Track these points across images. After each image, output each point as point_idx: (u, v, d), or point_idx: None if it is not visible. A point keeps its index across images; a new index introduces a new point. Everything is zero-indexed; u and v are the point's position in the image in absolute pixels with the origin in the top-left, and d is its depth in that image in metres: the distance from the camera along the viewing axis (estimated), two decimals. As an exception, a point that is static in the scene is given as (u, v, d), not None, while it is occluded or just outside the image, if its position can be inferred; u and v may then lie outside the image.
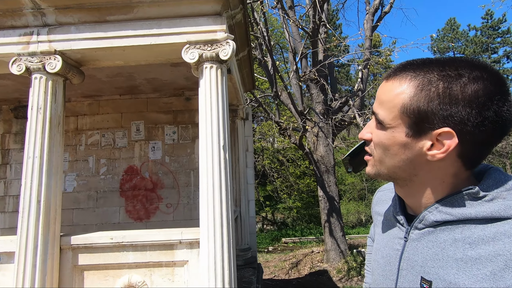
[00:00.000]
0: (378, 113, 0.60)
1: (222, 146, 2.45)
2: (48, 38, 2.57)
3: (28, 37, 2.57)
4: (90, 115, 4.71)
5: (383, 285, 0.67)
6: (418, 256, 0.59)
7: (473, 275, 0.50)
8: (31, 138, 2.47)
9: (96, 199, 4.55)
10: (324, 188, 7.21)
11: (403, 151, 0.58)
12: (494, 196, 0.53)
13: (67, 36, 2.57)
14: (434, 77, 0.54)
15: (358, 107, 7.26)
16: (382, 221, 0.75)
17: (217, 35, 2.54)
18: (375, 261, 0.72)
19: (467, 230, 0.54)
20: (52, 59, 2.53)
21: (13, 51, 2.55)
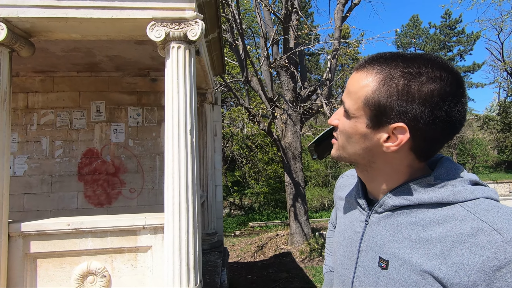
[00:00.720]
0: (345, 102, 0.63)
1: (189, 130, 2.39)
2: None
3: (-36, -1, 2.24)
4: (43, 92, 4.31)
5: (344, 265, 0.71)
6: (377, 238, 0.63)
7: (425, 254, 0.54)
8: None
9: (51, 183, 4.25)
10: (291, 174, 7.41)
11: (363, 141, 0.61)
12: (445, 183, 0.58)
13: (13, 1, 2.28)
14: (397, 73, 0.56)
15: (326, 96, 7.46)
16: (344, 205, 0.79)
17: (185, 13, 2.42)
18: (337, 243, 0.76)
19: (420, 214, 0.58)
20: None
21: None
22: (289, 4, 6.11)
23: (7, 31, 2.27)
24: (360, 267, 0.65)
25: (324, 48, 11.04)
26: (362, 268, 0.65)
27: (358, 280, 0.65)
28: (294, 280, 5.78)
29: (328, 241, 1.10)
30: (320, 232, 8.20)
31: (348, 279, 0.68)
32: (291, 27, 6.75)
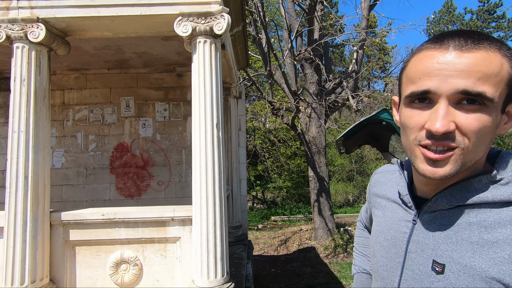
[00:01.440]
0: (484, 91, 0.49)
1: (216, 124, 2.41)
2: (30, 4, 2.39)
3: (8, 1, 2.39)
4: (77, 89, 4.54)
5: (387, 267, 0.66)
6: (429, 239, 0.58)
7: (490, 258, 0.49)
8: (15, 111, 2.36)
9: (86, 175, 4.49)
10: (314, 168, 7.31)
11: (493, 131, 0.52)
12: (509, 180, 0.53)
13: (50, 3, 2.40)
14: (504, 48, 0.51)
15: (352, 89, 7.22)
16: (383, 203, 0.74)
17: (211, 7, 2.42)
18: (377, 243, 0.71)
19: (482, 214, 0.53)
20: (34, 27, 2.38)
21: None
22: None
23: (45, 31, 2.40)
24: (408, 270, 0.61)
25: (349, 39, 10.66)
26: (411, 272, 0.60)
27: (406, 283, 0.61)
28: (318, 275, 5.73)
29: (358, 240, 1.04)
30: (345, 228, 8.05)
31: (393, 282, 0.64)
32: (316, 18, 6.57)
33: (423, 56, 0.54)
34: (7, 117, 4.51)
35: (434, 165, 0.53)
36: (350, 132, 1.83)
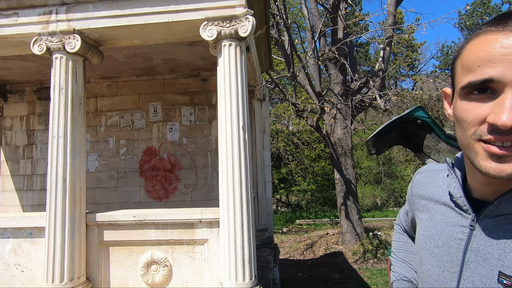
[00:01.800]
0: None
1: (242, 126, 2.41)
2: (67, 17, 2.55)
3: (47, 16, 2.56)
4: (109, 96, 4.76)
5: (439, 277, 0.61)
6: (493, 248, 0.52)
7: None
8: (54, 118, 2.51)
9: (117, 178, 4.68)
10: (341, 171, 7.12)
11: None
12: None
13: (85, 15, 2.54)
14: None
15: (379, 88, 6.97)
16: (429, 205, 0.68)
17: (236, 10, 2.44)
18: (425, 250, 0.66)
19: None
20: (71, 38, 2.52)
21: (34, 30, 2.55)
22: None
23: (81, 41, 2.54)
24: (467, 281, 0.55)
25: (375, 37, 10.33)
26: (471, 284, 0.54)
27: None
28: (347, 281, 5.54)
29: (397, 245, 0.97)
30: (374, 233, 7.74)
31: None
32: (340, 17, 6.43)
33: (482, 40, 0.48)
34: (47, 124, 4.84)
35: (500, 161, 0.47)
36: (381, 132, 1.74)
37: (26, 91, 4.83)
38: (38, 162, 4.77)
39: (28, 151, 4.79)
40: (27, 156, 4.78)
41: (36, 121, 4.83)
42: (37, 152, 4.78)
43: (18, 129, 4.80)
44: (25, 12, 2.58)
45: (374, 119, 17.12)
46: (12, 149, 4.78)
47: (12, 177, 4.74)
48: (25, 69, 4.22)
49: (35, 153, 4.78)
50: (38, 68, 4.22)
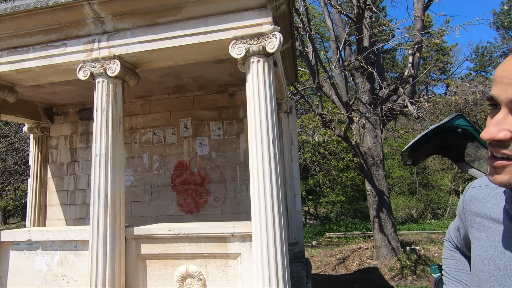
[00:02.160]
0: None
1: (272, 140, 2.43)
2: (108, 44, 2.77)
3: (91, 44, 2.80)
4: (142, 114, 5.03)
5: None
6: None
7: None
8: (97, 137, 2.70)
9: (151, 193, 4.87)
10: (372, 182, 6.86)
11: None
12: None
13: (123, 41, 2.75)
14: None
15: (409, 95, 6.72)
16: (485, 224, 0.65)
17: (263, 28, 2.51)
18: (484, 272, 0.62)
19: None
20: (112, 63, 2.73)
21: (79, 58, 2.80)
22: (362, 2, 5.79)
23: (120, 66, 2.73)
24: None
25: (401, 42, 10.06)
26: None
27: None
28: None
29: (448, 263, 0.92)
30: (412, 247, 7.29)
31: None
32: (365, 25, 6.36)
33: (506, 60, 0.52)
34: (87, 142, 5.20)
35: (494, 172, 0.52)
36: (418, 142, 1.67)
37: (70, 112, 5.25)
38: (79, 178, 5.10)
39: (71, 168, 5.15)
40: (70, 173, 5.14)
41: (78, 139, 5.20)
42: (79, 168, 5.12)
43: (63, 147, 5.20)
44: (72, 42, 2.84)
45: (406, 127, 16.43)
46: (57, 166, 5.17)
47: (57, 192, 5.11)
48: (69, 92, 4.60)
49: (77, 169, 5.13)
50: (80, 91, 4.58)
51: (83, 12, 2.71)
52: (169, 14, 2.68)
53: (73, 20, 2.77)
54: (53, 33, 2.86)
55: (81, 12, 2.71)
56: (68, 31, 2.84)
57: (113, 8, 2.68)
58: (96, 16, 2.73)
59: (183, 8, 2.64)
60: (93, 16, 2.74)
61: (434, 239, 10.99)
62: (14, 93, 3.25)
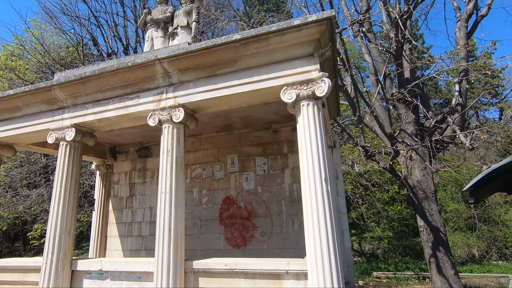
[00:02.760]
0: None
1: (324, 178, 2.53)
2: (174, 95, 3.19)
3: (160, 95, 3.24)
4: (193, 151, 5.44)
5: None
6: None
7: None
8: (162, 176, 3.02)
9: (200, 226, 5.09)
10: (424, 217, 6.41)
11: None
12: None
13: (187, 92, 3.15)
14: None
15: (459, 124, 6.41)
16: None
17: (311, 74, 2.74)
18: None
19: None
20: (176, 111, 3.12)
21: (149, 108, 3.25)
22: (400, 36, 5.90)
23: (183, 113, 3.11)
24: None
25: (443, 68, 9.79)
26: None
27: None
28: None
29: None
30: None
31: None
32: (405, 58, 6.40)
33: None
34: (144, 178, 5.69)
35: None
36: (481, 182, 1.63)
37: (130, 151, 5.86)
38: (136, 211, 5.54)
39: (129, 202, 5.62)
40: (128, 206, 5.61)
41: (136, 175, 5.72)
42: (136, 202, 5.58)
43: (123, 182, 5.75)
44: (144, 94, 3.32)
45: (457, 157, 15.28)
46: (117, 200, 5.69)
47: (117, 224, 5.56)
48: (132, 134, 5.19)
49: (134, 203, 5.58)
50: (141, 132, 5.15)
51: (154, 69, 3.19)
52: (225, 66, 3.04)
53: (146, 76, 3.27)
54: (129, 87, 3.38)
55: (153, 70, 3.20)
56: (141, 85, 3.34)
57: (179, 65, 3.13)
58: (165, 71, 3.20)
59: (238, 61, 3.00)
60: (162, 72, 3.21)
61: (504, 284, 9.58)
62: (94, 138, 3.79)
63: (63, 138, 3.52)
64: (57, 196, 3.37)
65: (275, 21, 11.66)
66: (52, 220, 3.30)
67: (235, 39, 2.82)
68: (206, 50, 2.97)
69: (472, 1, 7.06)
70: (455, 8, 7.63)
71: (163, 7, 5.08)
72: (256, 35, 2.75)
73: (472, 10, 7.10)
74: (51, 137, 3.57)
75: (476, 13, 7.34)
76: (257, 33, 2.74)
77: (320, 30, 2.68)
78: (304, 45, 2.79)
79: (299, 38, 2.75)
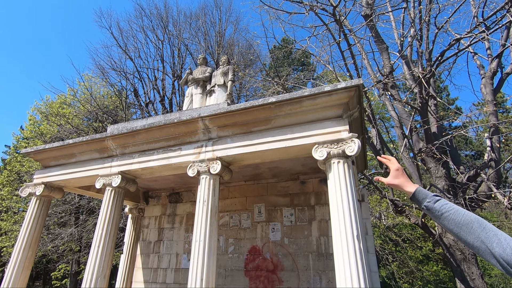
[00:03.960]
0: None
1: (356, 236, 2.57)
2: (212, 149, 3.50)
3: (199, 149, 3.57)
4: (221, 199, 5.61)
5: None
6: None
7: None
8: (198, 225, 3.18)
9: (225, 277, 5.02)
10: (465, 281, 5.86)
11: None
12: None
13: (224, 146, 3.45)
14: None
15: (494, 179, 6.15)
16: None
17: (341, 134, 2.95)
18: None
19: None
20: (214, 163, 3.40)
21: (190, 159, 3.56)
22: (424, 93, 6.11)
23: (220, 165, 3.37)
24: None
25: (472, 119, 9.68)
26: None
27: None
28: None
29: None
30: None
31: None
32: (430, 113, 6.52)
33: None
34: (173, 223, 5.85)
35: None
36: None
37: (162, 196, 6.14)
38: (163, 256, 5.60)
39: (157, 247, 5.73)
40: (155, 251, 5.70)
41: (165, 220, 5.91)
42: (163, 247, 5.67)
43: (152, 227, 5.93)
44: (186, 147, 3.67)
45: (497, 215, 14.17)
46: (146, 244, 5.82)
47: (143, 269, 5.61)
48: (166, 180, 5.51)
49: (161, 248, 5.68)
50: (175, 179, 5.46)
51: (197, 126, 3.57)
52: (261, 124, 3.35)
53: (188, 131, 3.64)
54: (172, 140, 3.76)
55: (195, 126, 3.58)
56: (183, 139, 3.70)
57: (219, 122, 3.49)
58: (205, 127, 3.56)
59: (272, 120, 3.30)
60: (203, 128, 3.57)
61: None
62: (135, 184, 4.12)
63: (109, 184, 3.87)
64: (98, 239, 3.59)
65: (300, 77, 12.43)
66: (91, 262, 3.48)
67: (271, 101, 3.16)
68: (244, 110, 3.32)
69: (495, 60, 7.27)
70: (478, 66, 7.85)
71: (203, 68, 5.75)
72: (290, 98, 3.08)
73: (496, 68, 7.27)
74: (99, 183, 3.93)
75: (501, 70, 7.48)
76: (291, 97, 3.07)
77: (349, 96, 2.95)
78: (334, 108, 3.05)
79: (329, 102, 3.03)
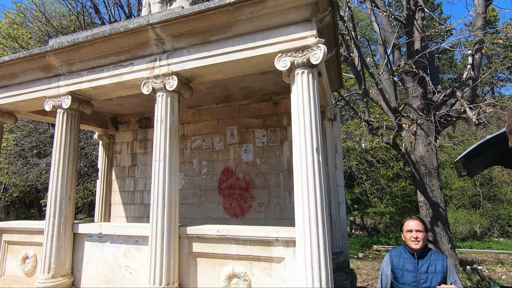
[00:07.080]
0: None
1: (316, 148, 2.50)
2: (167, 62, 3.11)
3: (153, 63, 3.17)
4: (193, 123, 5.43)
5: None
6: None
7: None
8: (157, 144, 3.04)
9: (200, 196, 5.21)
10: (425, 192, 6.40)
11: None
12: None
13: (180, 59, 3.06)
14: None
15: (468, 99, 6.16)
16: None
17: (307, 40, 2.61)
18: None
19: None
20: (170, 79, 3.07)
21: (143, 75, 3.19)
22: (412, 3, 5.53)
23: (177, 81, 3.05)
24: None
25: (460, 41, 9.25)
26: None
27: None
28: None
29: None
30: (474, 267, 6.58)
31: None
32: (416, 27, 6.05)
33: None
34: (145, 148, 5.76)
35: None
36: (473, 152, 1.57)
37: (131, 121, 5.88)
38: (138, 180, 5.67)
39: (131, 171, 5.75)
40: (131, 175, 5.74)
41: (138, 146, 5.79)
42: (138, 171, 5.70)
43: (125, 152, 5.84)
44: (138, 61, 3.25)
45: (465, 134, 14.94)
46: (120, 169, 5.82)
47: (120, 192, 5.73)
48: (132, 104, 5.18)
49: (136, 172, 5.71)
50: (141, 102, 5.13)
51: (147, 35, 3.09)
52: (220, 32, 2.92)
53: (139, 42, 3.18)
54: (123, 54, 3.31)
55: (146, 35, 3.10)
56: (135, 52, 3.26)
57: (172, 30, 3.02)
58: (158, 38, 3.10)
59: (232, 27, 2.87)
60: (155, 38, 3.11)
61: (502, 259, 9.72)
62: (90, 106, 3.79)
63: (59, 105, 3.53)
64: (56, 163, 3.45)
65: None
66: (53, 186, 3.41)
67: (229, 2, 2.67)
68: (199, 14, 2.84)
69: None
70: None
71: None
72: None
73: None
74: (48, 105, 3.58)
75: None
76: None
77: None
78: (301, 9, 2.63)
79: (295, 1, 2.58)
